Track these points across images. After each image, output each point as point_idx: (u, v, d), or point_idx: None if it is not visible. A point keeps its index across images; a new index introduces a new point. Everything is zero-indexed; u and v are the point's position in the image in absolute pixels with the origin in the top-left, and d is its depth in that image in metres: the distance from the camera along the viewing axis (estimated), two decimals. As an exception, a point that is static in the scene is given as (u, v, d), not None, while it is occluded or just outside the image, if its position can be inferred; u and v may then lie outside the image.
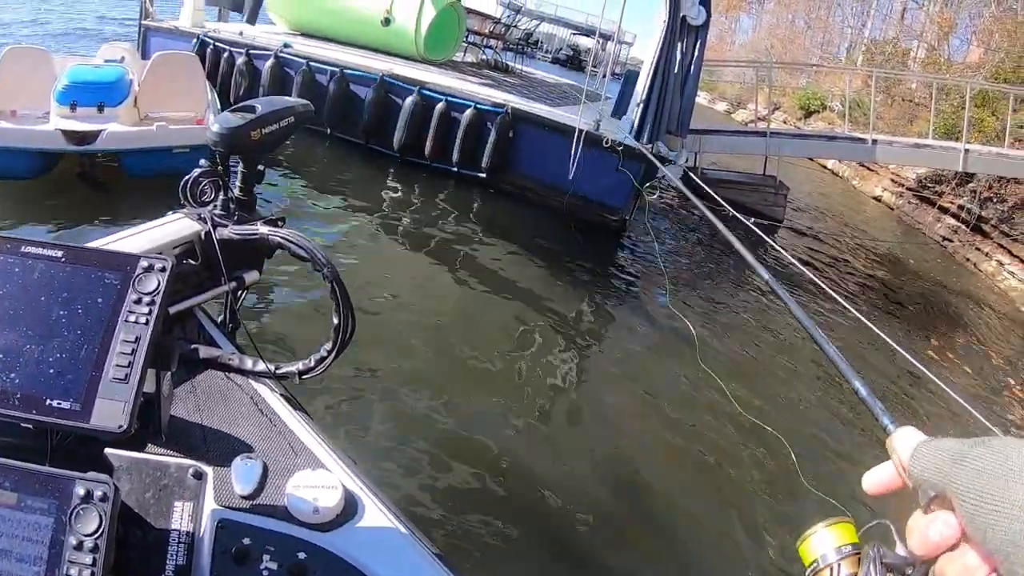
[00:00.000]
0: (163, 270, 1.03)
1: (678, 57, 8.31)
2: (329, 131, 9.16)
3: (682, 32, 8.29)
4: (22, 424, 0.96)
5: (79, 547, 0.83)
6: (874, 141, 11.58)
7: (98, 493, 0.85)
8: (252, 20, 11.13)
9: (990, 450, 0.43)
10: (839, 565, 0.62)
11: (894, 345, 3.31)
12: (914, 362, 3.27)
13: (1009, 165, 12.00)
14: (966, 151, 11.43)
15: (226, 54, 9.52)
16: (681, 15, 8.18)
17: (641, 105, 8.25)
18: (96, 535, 0.83)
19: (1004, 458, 0.41)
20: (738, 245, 2.46)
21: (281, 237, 1.38)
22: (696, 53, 8.50)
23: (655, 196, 8.38)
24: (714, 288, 8.17)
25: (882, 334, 3.52)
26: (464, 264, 6.61)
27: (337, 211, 7.21)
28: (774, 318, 7.44)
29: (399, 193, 8.35)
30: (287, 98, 1.62)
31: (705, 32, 8.59)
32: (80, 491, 0.85)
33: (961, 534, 0.43)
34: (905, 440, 0.51)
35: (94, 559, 0.83)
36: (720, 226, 2.74)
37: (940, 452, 0.46)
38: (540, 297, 6.38)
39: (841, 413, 5.50)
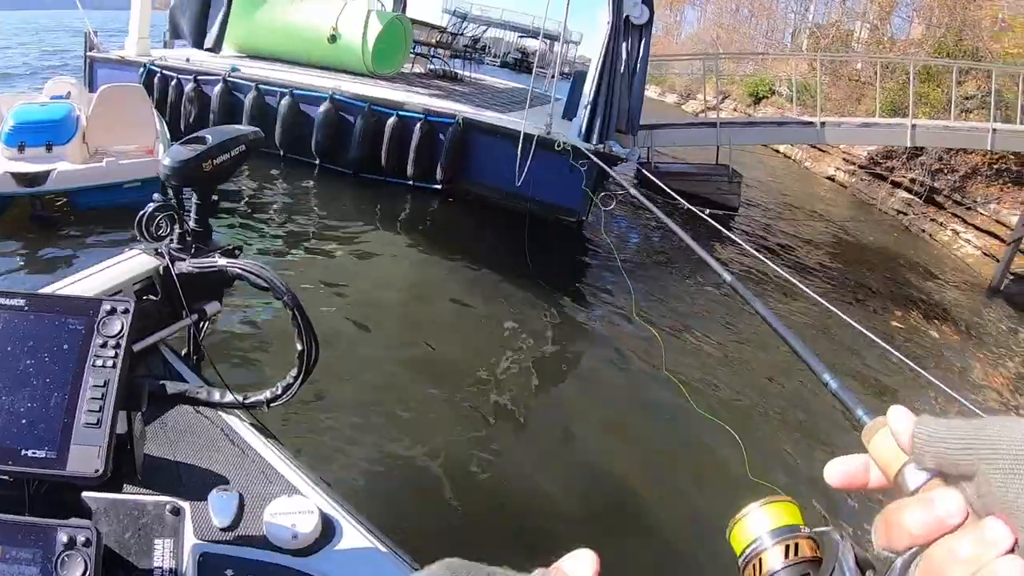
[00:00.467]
0: (126, 312, 1.04)
1: (624, 56, 8.43)
2: (283, 153, 9.11)
3: (626, 31, 8.41)
4: None
5: None
6: (822, 124, 11.79)
7: (81, 539, 0.87)
8: (217, 48, 10.78)
9: (1013, 418, 0.42)
10: (788, 547, 0.49)
11: (855, 324, 3.38)
12: (877, 340, 3.33)
13: (956, 137, 12.32)
14: (913, 126, 11.68)
15: (174, 81, 9.42)
16: (624, 15, 8.30)
17: (589, 106, 8.34)
18: None
19: None
20: (698, 250, 2.46)
21: (240, 268, 1.40)
22: (641, 51, 8.63)
23: (612, 204, 8.40)
24: (677, 283, 8.24)
25: (843, 315, 3.60)
26: (425, 278, 6.64)
27: (296, 233, 7.18)
28: (738, 312, 7.53)
29: (356, 211, 8.35)
30: (237, 126, 1.66)
31: (649, 30, 8.72)
32: (63, 538, 0.87)
33: (967, 512, 0.40)
34: (900, 417, 0.47)
35: None
36: (679, 232, 2.73)
37: (951, 419, 0.44)
38: (502, 305, 6.42)
39: (809, 407, 5.51)
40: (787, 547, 0.49)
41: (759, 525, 0.51)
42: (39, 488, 1.02)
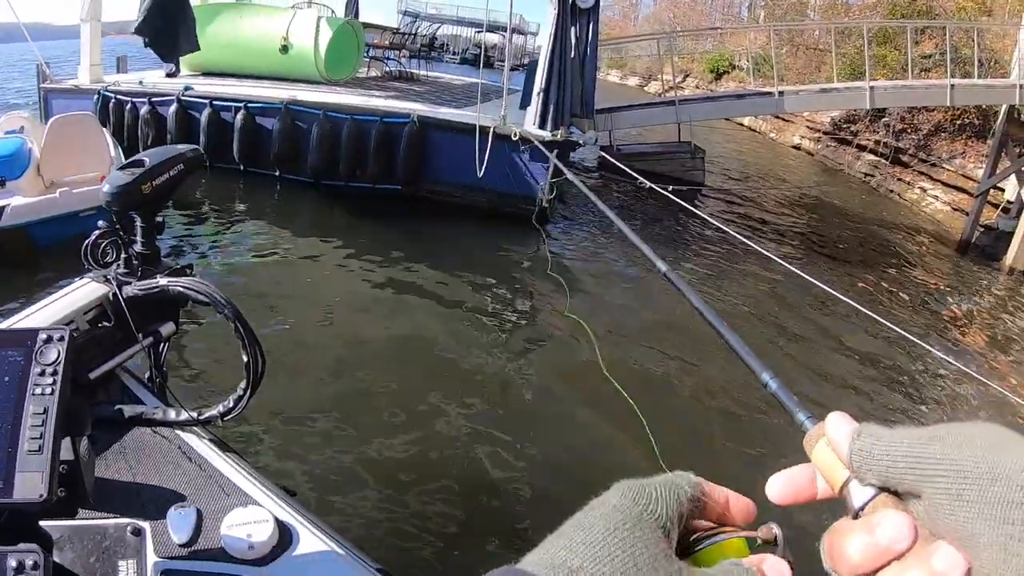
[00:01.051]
0: (62, 339, 1.05)
1: (572, 41, 8.45)
2: (242, 167, 9.07)
3: (573, 17, 8.43)
4: None
5: None
6: (780, 93, 11.84)
7: (29, 562, 0.88)
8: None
9: (961, 425, 0.38)
10: None
11: (829, 290, 3.38)
12: (849, 301, 3.35)
13: (915, 95, 12.40)
14: (871, 88, 11.75)
15: (129, 106, 9.32)
16: (570, 1, 8.34)
17: (541, 94, 8.36)
18: None
19: (984, 428, 0.37)
20: (633, 238, 2.28)
21: (181, 286, 1.41)
22: (590, 35, 8.65)
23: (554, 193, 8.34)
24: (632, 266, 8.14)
25: (816, 281, 3.59)
26: (384, 282, 6.57)
27: (258, 247, 7.15)
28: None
29: (318, 219, 8.36)
30: (175, 146, 1.65)
31: (596, 14, 8.75)
32: (12, 563, 0.87)
33: (915, 536, 0.36)
34: (839, 426, 0.42)
35: None
36: (616, 220, 2.53)
37: (895, 431, 0.39)
38: (459, 300, 6.43)
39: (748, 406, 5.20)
40: None
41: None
42: None
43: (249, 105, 8.94)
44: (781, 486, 0.46)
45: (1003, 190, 12.29)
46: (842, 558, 0.38)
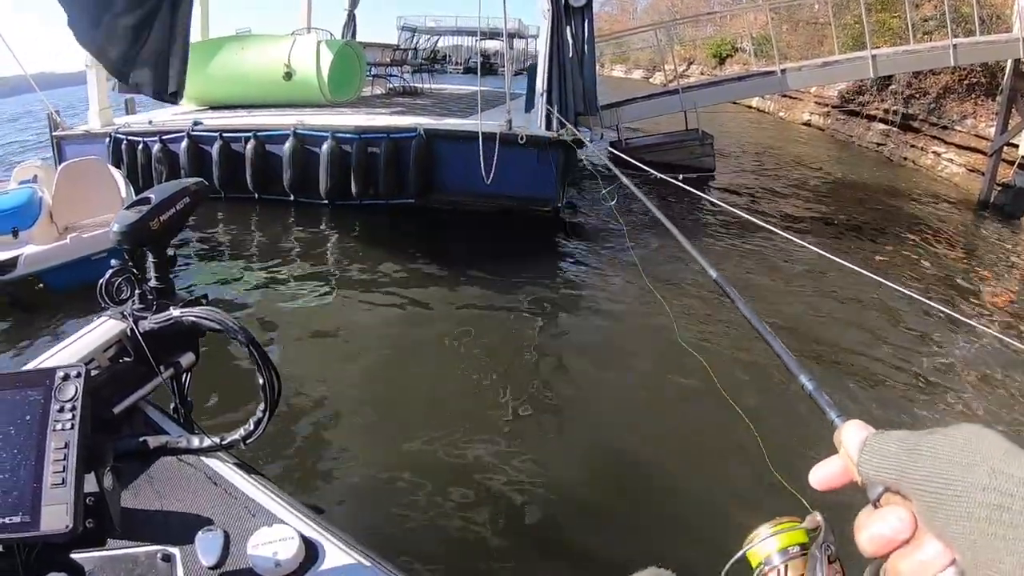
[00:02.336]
0: (78, 376, 1.08)
1: (569, 41, 8.53)
2: (257, 195, 9.23)
3: (568, 16, 8.51)
4: None
5: None
6: (783, 71, 11.83)
7: None
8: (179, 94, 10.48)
9: (947, 437, 0.42)
10: (785, 567, 0.61)
11: (853, 267, 3.34)
12: (876, 278, 3.32)
13: (918, 59, 12.27)
14: (874, 57, 11.65)
15: (140, 146, 9.50)
16: (563, 1, 8.41)
17: (544, 94, 8.43)
18: None
19: (964, 442, 0.42)
20: (686, 243, 2.23)
21: (193, 317, 1.43)
22: (587, 33, 8.74)
23: (615, 199, 8.20)
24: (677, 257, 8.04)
25: (833, 256, 3.56)
26: (409, 296, 6.59)
27: (278, 272, 7.25)
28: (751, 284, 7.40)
29: (335, 240, 8.44)
30: (179, 180, 1.69)
31: (591, 11, 8.83)
32: None
33: (914, 528, 0.43)
34: (852, 435, 0.50)
35: None
36: (668, 223, 2.45)
37: (890, 444, 0.46)
38: (494, 311, 6.43)
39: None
40: (786, 566, 0.61)
41: (767, 546, 0.63)
42: (29, 553, 1.07)
43: (258, 134, 9.09)
44: (818, 477, 0.53)
45: (1017, 146, 12.09)
46: (860, 544, 0.46)
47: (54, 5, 7.41)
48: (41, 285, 6.04)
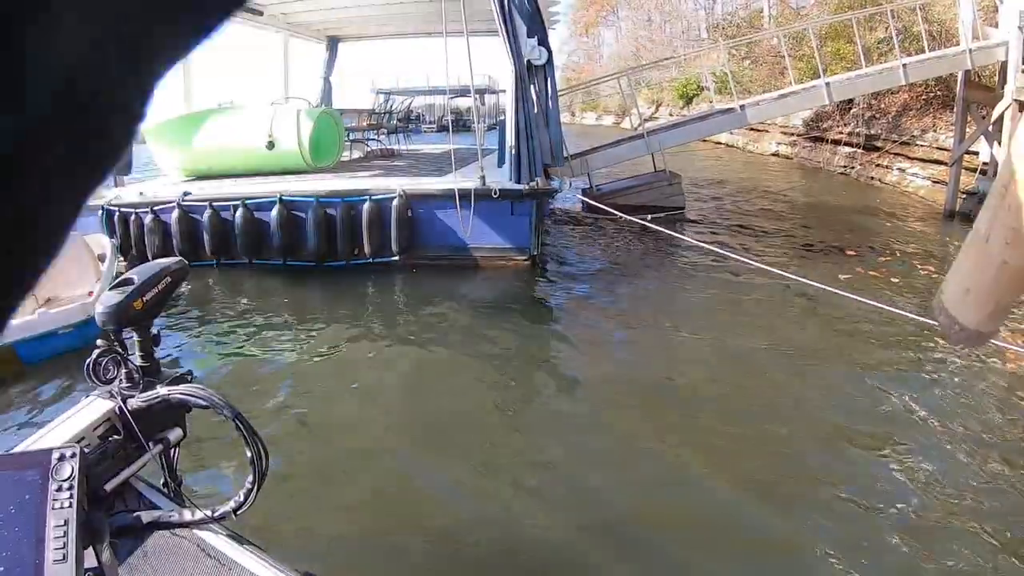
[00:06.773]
0: (73, 456, 1.14)
1: (533, 98, 9.05)
2: (248, 261, 9.55)
3: (530, 74, 9.04)
4: None
5: None
6: (742, 107, 12.37)
7: None
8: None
9: None
10: None
11: (824, 287, 3.51)
12: (851, 296, 3.50)
13: (871, 81, 12.86)
14: (827, 84, 12.30)
15: (132, 216, 9.76)
16: (525, 60, 8.95)
17: (513, 150, 8.91)
18: None
19: None
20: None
21: (181, 394, 1.49)
22: (549, 89, 9.25)
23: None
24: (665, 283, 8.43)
25: (813, 283, 3.72)
26: (399, 354, 6.78)
27: (271, 337, 7.41)
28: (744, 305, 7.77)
29: (324, 301, 8.71)
30: (160, 260, 1.75)
31: (552, 68, 9.35)
32: None
33: None
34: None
35: None
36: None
37: None
38: (485, 363, 6.50)
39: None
40: None
41: None
42: None
43: (247, 202, 9.44)
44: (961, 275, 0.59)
45: (977, 153, 12.55)
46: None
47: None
48: (14, 358, 6.18)
